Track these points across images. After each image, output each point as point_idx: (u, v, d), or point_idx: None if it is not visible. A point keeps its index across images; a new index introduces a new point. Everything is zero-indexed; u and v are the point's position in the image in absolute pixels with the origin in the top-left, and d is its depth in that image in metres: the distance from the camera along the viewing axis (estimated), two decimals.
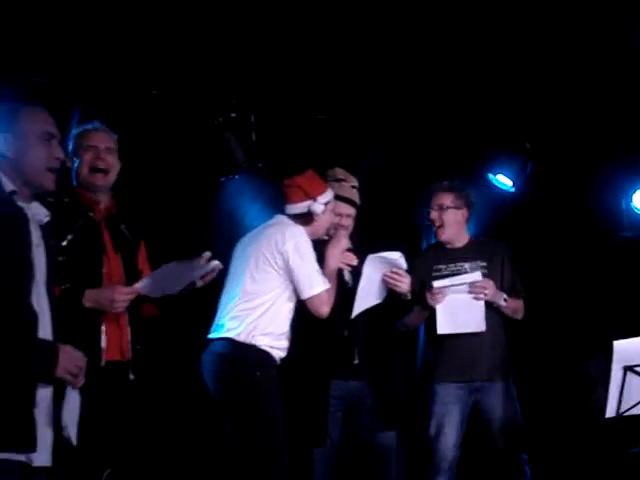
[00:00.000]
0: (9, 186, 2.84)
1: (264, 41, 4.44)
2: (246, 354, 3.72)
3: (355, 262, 4.00)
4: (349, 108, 5.06)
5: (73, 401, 2.87)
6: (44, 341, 2.79)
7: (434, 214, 4.40)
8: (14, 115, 2.89)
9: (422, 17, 4.35)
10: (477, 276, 4.27)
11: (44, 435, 2.75)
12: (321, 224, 3.96)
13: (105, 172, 3.58)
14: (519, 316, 4.47)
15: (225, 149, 4.76)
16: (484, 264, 4.40)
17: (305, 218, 3.92)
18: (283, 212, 4.00)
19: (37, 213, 2.91)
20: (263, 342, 3.75)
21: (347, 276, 4.09)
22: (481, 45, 4.56)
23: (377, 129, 5.20)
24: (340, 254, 3.95)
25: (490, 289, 4.29)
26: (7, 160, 2.86)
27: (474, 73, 4.79)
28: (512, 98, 5.01)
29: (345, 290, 4.03)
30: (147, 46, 4.33)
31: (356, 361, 4.05)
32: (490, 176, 5.42)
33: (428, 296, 4.24)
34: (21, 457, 2.69)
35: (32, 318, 2.76)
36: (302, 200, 3.91)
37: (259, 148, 4.85)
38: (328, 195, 3.97)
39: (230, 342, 3.75)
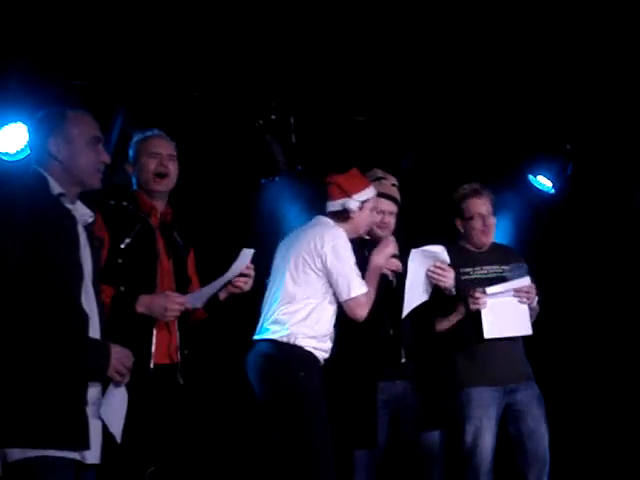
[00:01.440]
0: (57, 189, 2.89)
1: (303, 44, 4.46)
2: (290, 355, 3.73)
3: (400, 269, 3.99)
4: (388, 109, 5.07)
5: (119, 399, 2.91)
6: (97, 341, 2.86)
7: (479, 224, 4.36)
8: (62, 119, 2.94)
9: (462, 19, 4.35)
10: (527, 281, 4.27)
11: (95, 433, 2.81)
12: (359, 222, 3.95)
13: (166, 178, 3.64)
14: (533, 319, 4.46)
15: (265, 151, 4.79)
16: (507, 267, 4.38)
17: (341, 215, 3.92)
18: (324, 212, 4.00)
19: (82, 214, 2.97)
20: (306, 343, 3.76)
21: (391, 275, 4.07)
22: (521, 46, 4.55)
23: (416, 130, 5.19)
24: (385, 258, 3.93)
25: (533, 293, 4.30)
26: (58, 162, 2.91)
27: (514, 74, 4.77)
28: (552, 99, 4.98)
29: (389, 289, 4.03)
30: (189, 49, 4.37)
31: (403, 360, 4.03)
32: (530, 177, 5.40)
33: (471, 300, 4.20)
34: (75, 455, 2.75)
35: (84, 319, 2.82)
36: (339, 197, 3.92)
37: (299, 150, 4.87)
38: (367, 193, 3.95)
39: (274, 343, 3.76)
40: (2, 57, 4.09)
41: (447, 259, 4.01)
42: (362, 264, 3.95)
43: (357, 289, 3.79)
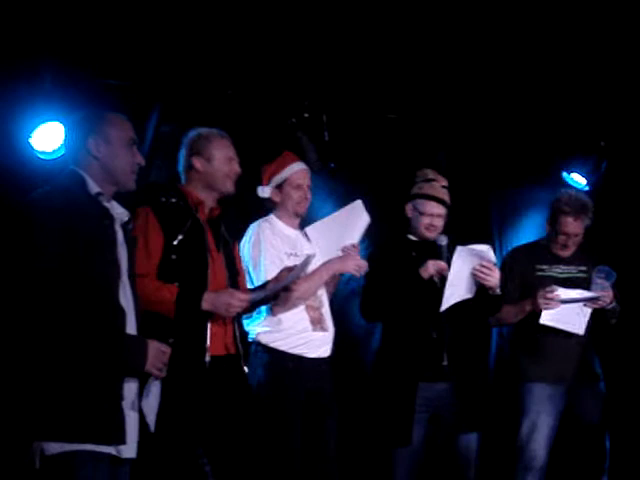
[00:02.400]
0: (95, 188, 2.94)
1: (335, 42, 4.47)
2: (253, 356, 3.84)
3: (445, 271, 3.99)
4: (420, 107, 5.06)
5: (155, 392, 2.97)
6: (134, 337, 2.91)
7: (563, 240, 4.41)
8: (101, 120, 3.01)
9: (495, 16, 4.34)
10: (604, 292, 4.31)
11: (131, 428, 2.86)
12: (287, 203, 3.99)
13: (235, 179, 3.67)
14: (614, 321, 4.48)
15: (298, 149, 4.79)
16: (584, 269, 4.45)
17: (269, 204, 4.03)
18: None
19: (119, 212, 3.02)
20: (268, 340, 3.82)
21: (437, 278, 4.06)
22: (555, 42, 4.52)
23: (449, 128, 5.18)
24: (339, 268, 3.92)
25: (607, 300, 4.33)
26: (97, 161, 2.97)
27: (548, 71, 4.74)
28: (587, 96, 4.94)
29: (434, 292, 4.03)
30: (222, 48, 4.40)
31: (445, 362, 4.04)
32: (564, 175, 5.36)
33: (541, 301, 4.24)
34: (111, 449, 2.80)
35: (121, 316, 2.87)
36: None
37: (331, 148, 4.87)
38: (281, 176, 4.00)
39: (248, 347, 3.87)
40: (37, 57, 4.14)
41: (493, 258, 4.01)
42: (409, 264, 3.99)
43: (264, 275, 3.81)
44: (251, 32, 4.32)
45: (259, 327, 3.87)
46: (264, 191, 4.00)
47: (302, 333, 3.87)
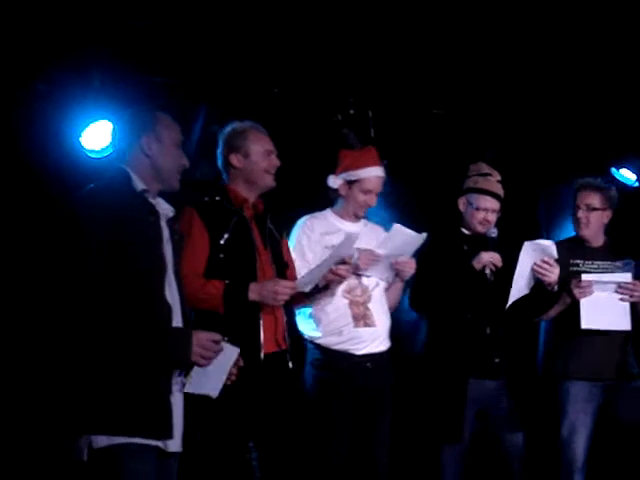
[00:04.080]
0: (140, 185, 2.98)
1: (380, 39, 4.47)
2: (307, 352, 3.92)
3: (499, 264, 3.96)
4: (467, 103, 5.03)
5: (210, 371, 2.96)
6: (179, 330, 2.93)
7: (581, 214, 4.35)
8: (155, 119, 3.05)
9: (544, 15, 4.30)
10: (628, 277, 4.22)
11: (177, 422, 2.88)
12: (349, 200, 3.97)
13: (274, 172, 3.66)
14: None
15: (344, 146, 4.80)
16: (619, 264, 4.34)
17: (334, 194, 3.99)
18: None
19: (164, 209, 3.06)
20: (313, 338, 3.86)
21: (488, 273, 4.04)
22: (605, 39, 4.47)
23: (496, 124, 5.14)
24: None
25: (637, 290, 4.23)
26: (147, 159, 3.01)
27: (598, 67, 4.69)
28: (636, 91, 4.88)
29: (486, 287, 4.01)
30: (267, 46, 4.42)
31: (497, 360, 4.01)
32: (613, 170, 5.30)
33: (575, 290, 4.18)
34: (158, 443, 2.84)
35: (167, 311, 2.90)
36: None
37: (377, 144, 4.86)
38: (357, 174, 3.95)
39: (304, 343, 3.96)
40: (86, 56, 4.20)
41: (555, 254, 3.97)
42: (460, 258, 3.98)
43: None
44: (296, 30, 4.34)
45: (306, 324, 3.88)
46: (334, 182, 3.96)
47: (343, 329, 3.86)
